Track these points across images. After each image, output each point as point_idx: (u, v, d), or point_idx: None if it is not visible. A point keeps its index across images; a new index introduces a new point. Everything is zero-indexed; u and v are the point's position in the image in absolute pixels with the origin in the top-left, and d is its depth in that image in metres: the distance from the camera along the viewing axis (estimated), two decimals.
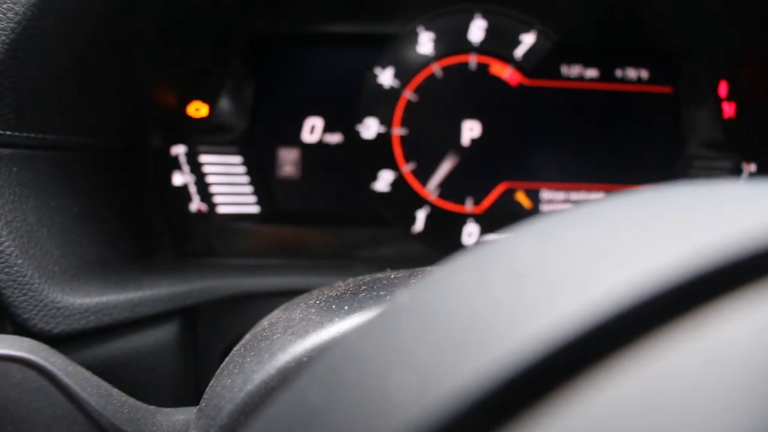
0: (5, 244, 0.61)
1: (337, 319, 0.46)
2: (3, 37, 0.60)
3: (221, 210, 0.99)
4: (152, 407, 0.54)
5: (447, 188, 1.00)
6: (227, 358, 0.55)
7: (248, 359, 0.48)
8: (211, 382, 0.53)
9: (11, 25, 0.60)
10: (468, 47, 0.99)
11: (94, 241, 0.78)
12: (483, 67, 0.99)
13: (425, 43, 0.99)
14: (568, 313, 0.18)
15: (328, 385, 0.23)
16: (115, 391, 0.52)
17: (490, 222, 1.01)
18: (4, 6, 0.59)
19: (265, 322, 0.57)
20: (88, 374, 0.52)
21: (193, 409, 0.54)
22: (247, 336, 0.57)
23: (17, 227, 0.63)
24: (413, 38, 0.98)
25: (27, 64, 0.64)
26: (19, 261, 0.62)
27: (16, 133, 0.65)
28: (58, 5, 0.64)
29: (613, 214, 0.26)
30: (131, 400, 0.53)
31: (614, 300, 0.19)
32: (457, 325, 0.21)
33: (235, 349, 0.57)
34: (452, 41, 0.99)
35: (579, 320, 0.18)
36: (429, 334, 0.21)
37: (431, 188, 1.00)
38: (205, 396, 0.52)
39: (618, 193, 0.93)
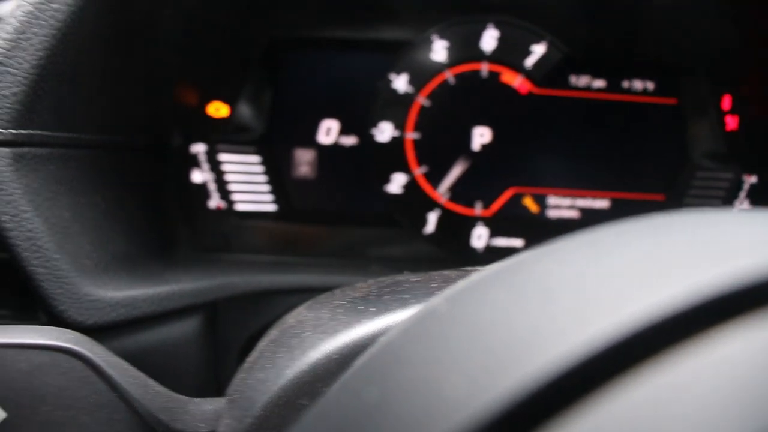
0: (44, 239, 0.65)
1: (364, 320, 0.50)
2: (45, 44, 0.63)
3: (239, 207, 1.02)
4: (184, 397, 0.58)
5: (457, 192, 1.04)
6: (256, 353, 0.59)
7: (280, 355, 0.52)
8: (241, 375, 0.57)
9: (52, 32, 0.63)
10: (480, 55, 1.02)
11: (120, 236, 0.81)
12: (494, 75, 1.03)
13: (439, 50, 1.02)
14: (587, 334, 0.22)
15: (383, 384, 0.26)
16: (151, 381, 0.56)
17: (499, 225, 1.04)
18: (47, 14, 0.63)
19: (290, 319, 0.61)
20: (127, 365, 0.55)
21: (221, 400, 0.58)
22: (274, 332, 0.61)
23: (54, 223, 0.67)
24: (427, 46, 1.02)
25: (65, 68, 0.67)
26: (56, 256, 0.66)
27: (53, 133, 0.69)
28: (95, 12, 0.67)
29: (629, 240, 0.29)
30: (165, 390, 0.57)
31: (631, 321, 0.22)
32: (495, 338, 0.25)
33: (262, 344, 0.60)
34: (465, 49, 1.02)
35: (599, 340, 0.21)
36: (473, 344, 0.25)
37: (442, 191, 1.03)
38: (236, 388, 0.55)
39: (622, 201, 0.96)
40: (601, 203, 1.04)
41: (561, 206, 1.04)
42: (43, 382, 0.50)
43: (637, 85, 1.04)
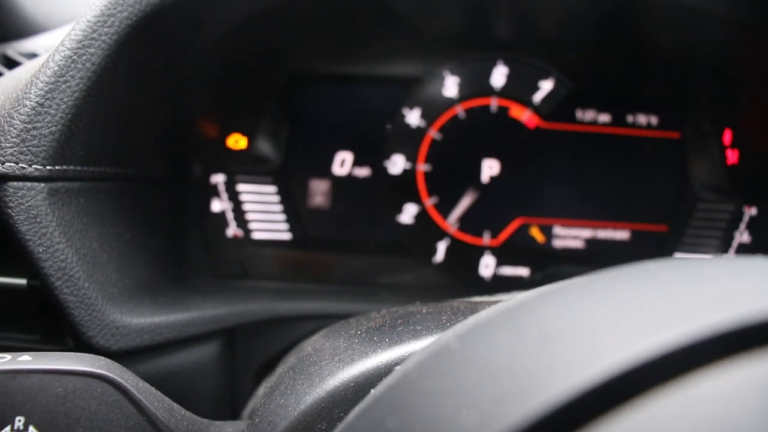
0: (75, 269, 0.68)
1: (380, 350, 0.53)
2: (81, 85, 0.67)
3: (256, 236, 1.06)
4: (206, 420, 0.61)
5: (466, 222, 1.07)
6: (275, 379, 0.62)
7: (299, 382, 0.55)
8: (262, 400, 0.60)
9: (88, 74, 0.67)
10: (490, 91, 1.06)
11: (143, 264, 0.85)
12: (503, 110, 1.06)
13: (450, 86, 1.06)
14: (582, 374, 0.25)
15: (402, 415, 0.29)
16: (176, 406, 0.59)
17: (506, 255, 1.08)
18: (84, 57, 0.67)
19: (308, 347, 0.64)
20: (154, 390, 0.58)
21: (241, 423, 0.61)
22: (292, 359, 0.64)
23: (84, 254, 0.71)
24: (439, 81, 1.06)
25: (98, 107, 0.71)
26: (86, 284, 0.69)
27: (84, 168, 0.73)
28: (127, 54, 0.72)
29: (628, 286, 0.33)
30: (189, 414, 0.60)
31: (622, 364, 0.25)
32: (502, 376, 0.28)
33: (281, 370, 0.63)
34: (475, 85, 1.06)
35: (590, 382, 0.25)
36: (483, 381, 0.28)
37: (452, 221, 1.07)
38: (257, 412, 0.58)
39: (625, 232, 0.97)
40: (606, 234, 1.07)
41: (566, 236, 1.07)
42: (77, 405, 0.53)
43: (642, 119, 1.08)
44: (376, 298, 0.99)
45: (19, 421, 0.51)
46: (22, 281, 0.74)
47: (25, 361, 0.53)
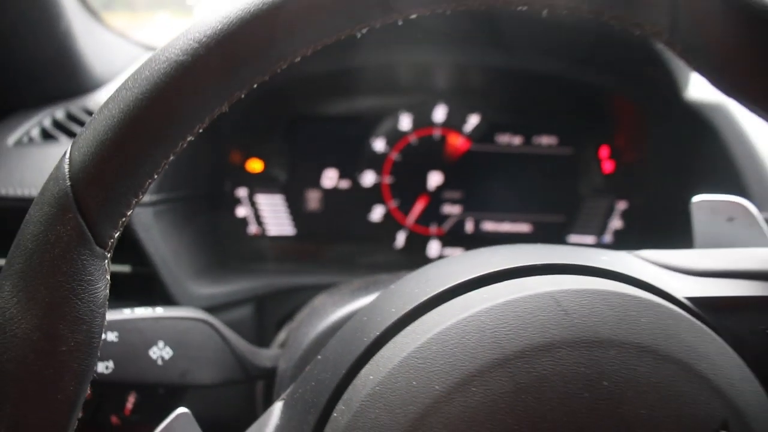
0: (170, 260, 1.07)
1: (359, 300, 0.91)
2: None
3: (270, 232, 1.37)
4: (257, 347, 0.98)
5: (419, 218, 1.42)
6: (297, 321, 1.00)
7: (313, 320, 0.93)
8: (290, 334, 0.98)
9: None
10: (433, 124, 1.40)
11: (199, 254, 1.22)
12: (443, 137, 1.39)
13: (405, 121, 1.40)
14: (428, 294, 0.65)
15: (369, 316, 0.70)
16: (242, 339, 0.96)
17: (448, 240, 1.42)
18: None
19: (316, 302, 1.01)
20: (230, 330, 0.95)
21: (276, 350, 0.99)
22: (307, 309, 1.02)
23: (172, 249, 1.09)
24: (396, 118, 1.39)
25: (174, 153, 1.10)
26: (176, 269, 1.08)
27: (166, 195, 1.12)
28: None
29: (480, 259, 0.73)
30: (247, 343, 0.97)
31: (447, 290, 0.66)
32: (403, 295, 0.68)
33: (301, 315, 1.01)
34: (423, 120, 1.38)
35: (432, 298, 0.65)
36: (398, 299, 0.68)
37: (408, 218, 1.43)
38: (288, 340, 0.97)
39: (533, 222, 1.38)
40: (520, 224, 1.44)
41: (491, 227, 1.43)
42: (191, 337, 0.85)
43: (544, 140, 1.40)
44: (355, 273, 1.23)
45: (161, 342, 0.87)
46: (126, 268, 1.12)
47: (160, 312, 0.90)
